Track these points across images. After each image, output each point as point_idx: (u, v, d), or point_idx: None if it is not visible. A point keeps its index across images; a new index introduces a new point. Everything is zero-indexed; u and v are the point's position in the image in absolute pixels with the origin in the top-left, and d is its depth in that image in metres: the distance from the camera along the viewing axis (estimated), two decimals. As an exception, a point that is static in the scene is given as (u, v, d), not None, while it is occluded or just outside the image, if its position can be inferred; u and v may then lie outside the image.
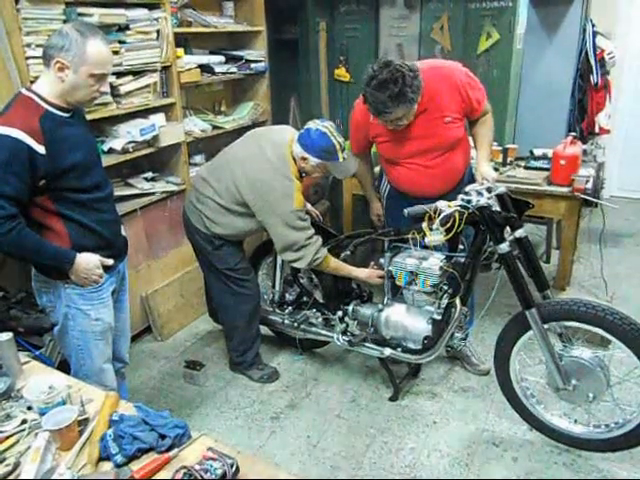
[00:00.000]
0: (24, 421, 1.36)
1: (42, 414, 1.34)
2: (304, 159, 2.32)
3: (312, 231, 2.41)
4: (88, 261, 1.84)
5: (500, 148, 3.34)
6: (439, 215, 2.06)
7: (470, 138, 2.56)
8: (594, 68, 4.12)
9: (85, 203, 1.83)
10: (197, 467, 1.14)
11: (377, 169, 2.87)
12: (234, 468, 1.16)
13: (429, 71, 2.28)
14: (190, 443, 1.28)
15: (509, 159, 3.30)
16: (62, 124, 1.75)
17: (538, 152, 3.39)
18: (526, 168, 3.25)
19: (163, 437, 1.27)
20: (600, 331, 2.00)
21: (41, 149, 1.66)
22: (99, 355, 1.99)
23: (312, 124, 2.32)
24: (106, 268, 1.92)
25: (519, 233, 2.10)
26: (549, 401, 2.32)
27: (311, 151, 2.29)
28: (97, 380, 1.95)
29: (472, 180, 2.42)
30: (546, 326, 2.09)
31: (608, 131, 4.47)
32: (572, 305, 2.04)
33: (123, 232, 2.10)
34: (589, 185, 2.96)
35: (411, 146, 2.39)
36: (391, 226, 2.59)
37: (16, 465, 1.23)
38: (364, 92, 2.19)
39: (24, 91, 1.75)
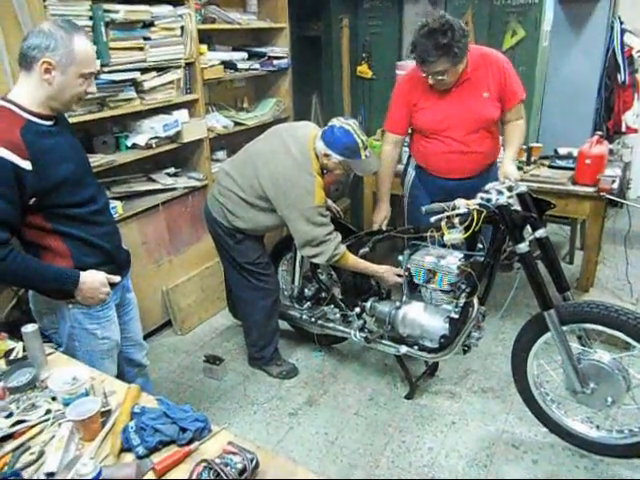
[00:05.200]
0: (48, 411, 1.38)
1: (66, 405, 1.36)
2: (327, 156, 2.32)
3: (332, 227, 2.41)
4: (93, 279, 1.71)
5: (524, 147, 3.29)
6: (455, 210, 2.06)
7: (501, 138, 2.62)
8: (621, 66, 4.04)
9: (83, 217, 1.70)
10: (217, 461, 1.14)
11: (400, 167, 2.88)
12: (254, 463, 1.16)
13: (477, 50, 2.46)
14: (210, 437, 1.29)
15: (533, 158, 3.26)
16: (46, 134, 1.59)
17: (563, 151, 3.34)
18: (550, 167, 3.20)
19: (184, 430, 1.28)
20: (620, 334, 1.97)
21: (27, 165, 1.50)
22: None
23: (336, 121, 2.32)
24: (111, 284, 1.80)
25: (539, 233, 2.08)
26: (568, 404, 2.29)
27: (334, 148, 2.29)
28: None
29: (497, 178, 2.41)
30: (565, 328, 2.06)
31: (635, 130, 4.38)
32: (591, 307, 2.01)
33: (124, 246, 1.96)
34: (615, 185, 2.91)
35: (448, 114, 2.46)
36: (412, 221, 2.64)
37: (40, 454, 1.25)
38: (413, 40, 2.30)
39: (0, 102, 1.57)
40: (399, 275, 2.49)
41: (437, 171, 2.62)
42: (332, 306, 2.78)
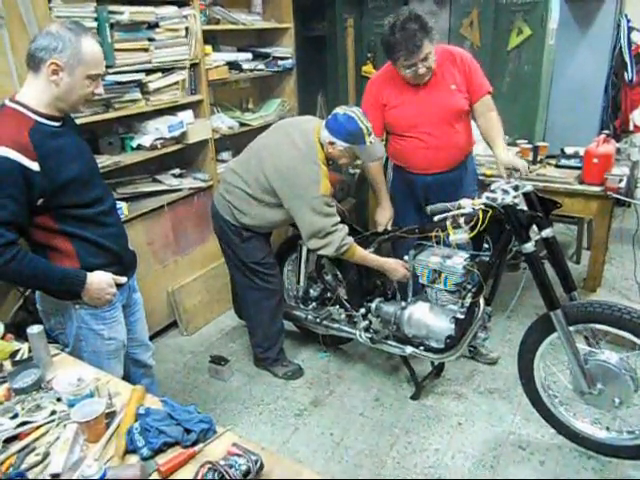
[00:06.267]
0: (53, 412, 1.39)
1: (71, 406, 1.36)
2: (331, 144, 2.31)
3: (338, 218, 2.39)
4: (100, 280, 1.72)
5: (530, 146, 3.28)
6: (460, 209, 2.05)
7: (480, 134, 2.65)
8: (629, 64, 4.02)
9: (90, 218, 1.71)
10: (222, 462, 1.14)
11: None
12: (258, 464, 1.16)
13: (440, 47, 2.50)
14: (215, 438, 1.29)
15: (539, 157, 3.24)
16: (54, 135, 1.60)
17: (570, 150, 3.31)
18: (557, 166, 3.18)
19: (188, 432, 1.28)
20: (628, 334, 1.95)
21: (34, 166, 1.52)
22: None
23: (339, 109, 2.32)
24: (118, 285, 1.81)
25: (546, 233, 2.07)
26: (576, 405, 2.26)
27: (338, 135, 2.28)
28: None
29: (474, 169, 2.55)
30: (572, 328, 2.05)
31: (643, 129, 4.35)
32: (598, 307, 1.99)
33: (130, 246, 1.96)
34: (622, 184, 2.88)
35: (419, 110, 2.50)
36: (397, 221, 2.68)
37: (45, 455, 1.26)
38: (387, 44, 2.35)
39: (8, 103, 1.59)
40: (407, 269, 2.47)
41: (416, 168, 2.64)
42: (337, 306, 2.77)
